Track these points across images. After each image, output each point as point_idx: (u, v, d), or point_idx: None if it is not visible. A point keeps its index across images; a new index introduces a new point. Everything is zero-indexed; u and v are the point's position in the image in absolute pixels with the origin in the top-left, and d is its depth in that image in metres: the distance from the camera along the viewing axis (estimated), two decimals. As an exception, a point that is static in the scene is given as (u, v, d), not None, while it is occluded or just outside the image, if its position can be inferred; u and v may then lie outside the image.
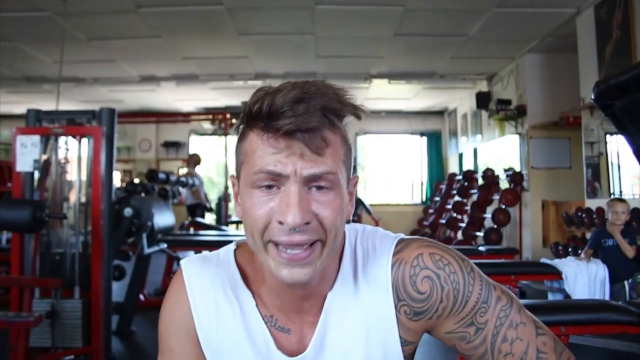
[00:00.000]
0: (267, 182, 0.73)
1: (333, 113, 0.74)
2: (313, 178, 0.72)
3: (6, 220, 2.99)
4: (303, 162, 0.72)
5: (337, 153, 0.75)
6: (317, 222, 0.73)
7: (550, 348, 0.82)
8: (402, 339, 0.83)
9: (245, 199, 0.75)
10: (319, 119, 0.72)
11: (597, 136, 5.90)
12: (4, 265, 5.27)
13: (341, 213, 0.75)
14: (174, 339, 0.86)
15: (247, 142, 0.76)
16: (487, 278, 0.85)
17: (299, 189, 0.72)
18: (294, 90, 0.72)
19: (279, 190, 0.73)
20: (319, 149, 0.72)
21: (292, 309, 0.83)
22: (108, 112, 3.43)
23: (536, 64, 7.20)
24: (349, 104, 0.76)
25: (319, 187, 0.73)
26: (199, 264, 0.88)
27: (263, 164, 0.72)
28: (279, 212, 0.72)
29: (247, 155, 0.75)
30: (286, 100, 0.71)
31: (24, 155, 3.30)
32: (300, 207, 0.71)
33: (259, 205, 0.73)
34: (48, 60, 7.35)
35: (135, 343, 3.93)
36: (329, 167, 0.73)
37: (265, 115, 0.72)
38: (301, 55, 7.51)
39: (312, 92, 0.72)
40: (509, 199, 7.41)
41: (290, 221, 0.70)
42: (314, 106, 0.72)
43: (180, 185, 6.76)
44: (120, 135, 10.54)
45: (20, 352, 2.82)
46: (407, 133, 12.07)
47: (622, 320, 2.25)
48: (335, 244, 0.77)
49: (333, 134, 0.75)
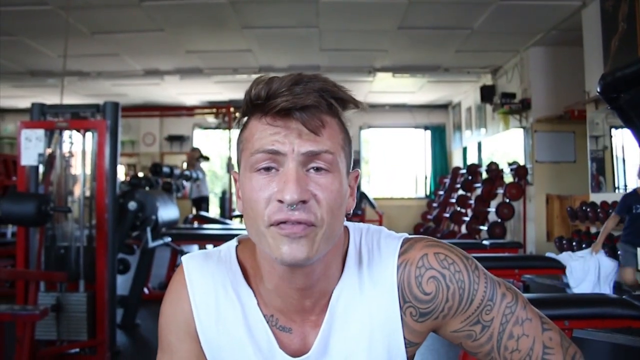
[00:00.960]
0: (265, 162, 0.73)
1: (330, 95, 0.75)
2: (311, 155, 0.73)
3: (11, 213, 3.00)
4: (301, 140, 0.72)
5: (336, 137, 0.76)
6: (314, 202, 0.72)
7: (556, 343, 0.82)
8: (407, 340, 0.83)
9: (245, 184, 0.75)
10: (315, 99, 0.73)
11: (602, 130, 5.88)
12: (10, 258, 5.30)
13: (340, 197, 0.75)
14: (173, 336, 0.86)
15: (246, 129, 0.78)
16: (492, 275, 0.85)
17: (297, 167, 0.72)
18: (291, 76, 0.74)
19: (277, 172, 0.73)
20: (316, 129, 0.73)
21: (293, 309, 0.82)
22: (112, 106, 3.44)
23: (541, 58, 7.17)
24: (346, 91, 0.77)
25: (318, 169, 0.73)
26: (200, 260, 0.87)
27: (262, 144, 0.73)
28: (277, 191, 0.72)
29: (246, 141, 0.76)
30: (283, 83, 0.73)
31: (28, 149, 3.31)
32: (298, 184, 0.71)
33: (258, 188, 0.73)
34: (52, 54, 7.35)
35: (140, 336, 3.95)
36: (327, 146, 0.74)
37: (263, 98, 0.74)
38: (305, 48, 7.49)
39: (309, 77, 0.75)
40: (513, 193, 7.39)
41: (289, 198, 0.70)
42: (310, 87, 0.73)
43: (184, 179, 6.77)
44: (124, 129, 10.56)
45: (26, 344, 2.84)
46: (411, 127, 12.04)
47: (626, 315, 2.24)
48: (334, 231, 0.76)
49: (331, 118, 0.76)
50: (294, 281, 0.78)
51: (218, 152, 12.20)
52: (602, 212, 5.14)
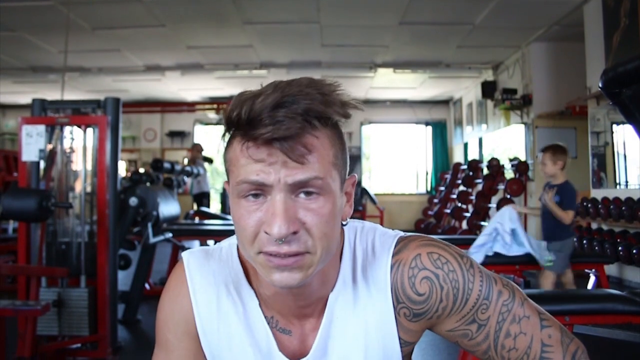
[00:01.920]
0: (252, 191, 0.70)
1: (316, 116, 0.69)
2: (299, 185, 0.69)
3: (13, 209, 3.00)
4: (287, 170, 0.68)
5: (325, 157, 0.71)
6: (304, 231, 0.70)
7: (556, 340, 0.80)
8: (402, 340, 0.82)
9: (234, 208, 0.73)
10: (300, 125, 0.67)
11: (603, 126, 5.87)
12: (11, 254, 5.31)
13: (332, 220, 0.72)
14: (172, 333, 0.84)
15: (231, 149, 0.73)
16: (488, 272, 0.83)
17: (284, 198, 0.68)
18: (274, 94, 0.67)
19: (265, 199, 0.70)
20: (300, 157, 0.68)
21: (291, 313, 0.82)
22: (113, 102, 3.43)
23: (542, 53, 7.16)
24: (336, 102, 0.70)
25: (308, 193, 0.70)
26: (201, 257, 0.85)
27: (246, 174, 0.69)
28: (265, 223, 0.69)
29: (232, 164, 0.73)
30: (265, 105, 0.66)
31: (29, 145, 3.31)
32: (286, 217, 0.67)
33: (246, 216, 0.70)
34: (53, 50, 7.35)
35: (141, 331, 3.96)
36: (315, 172, 0.69)
37: (244, 123, 0.68)
38: (306, 44, 7.48)
39: (293, 95, 0.67)
40: (514, 189, 7.39)
41: (276, 232, 0.67)
42: (294, 111, 0.67)
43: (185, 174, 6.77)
44: (125, 125, 10.57)
45: (27, 339, 2.84)
46: (412, 122, 12.04)
47: (627, 310, 2.24)
48: (330, 250, 0.74)
49: (317, 139, 0.70)
50: (291, 293, 0.78)
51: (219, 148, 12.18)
52: (603, 208, 5.14)
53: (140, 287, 4.28)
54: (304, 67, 8.56)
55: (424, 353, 3.41)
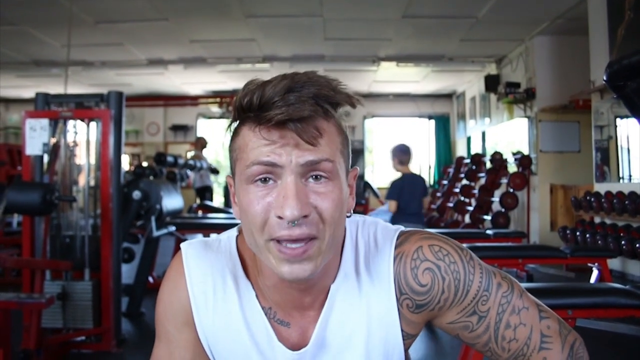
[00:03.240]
0: (262, 175, 0.70)
1: (326, 101, 0.71)
2: (310, 166, 0.70)
3: (17, 202, 3.01)
4: (298, 151, 0.69)
5: (334, 142, 0.73)
6: (316, 214, 0.70)
7: (554, 332, 0.82)
8: (404, 332, 0.83)
9: (241, 196, 0.73)
10: (311, 108, 0.69)
11: (606, 120, 5.85)
12: (16, 247, 5.33)
13: (341, 205, 0.73)
14: (171, 324, 0.85)
15: (239, 137, 0.74)
16: (487, 265, 0.84)
17: (296, 180, 0.69)
18: (284, 81, 0.69)
19: (275, 184, 0.71)
20: (313, 139, 0.70)
21: (292, 305, 0.82)
22: (116, 95, 3.44)
23: (546, 47, 7.13)
24: (342, 92, 0.73)
25: (317, 177, 0.71)
26: (200, 249, 0.86)
27: (257, 155, 0.70)
28: (276, 206, 0.69)
29: (241, 151, 0.73)
30: (276, 90, 0.68)
31: (33, 139, 3.32)
32: (298, 199, 0.68)
33: (256, 201, 0.71)
34: (56, 44, 7.35)
35: (145, 324, 3.98)
36: (326, 154, 0.71)
37: (256, 108, 0.70)
38: (309, 37, 7.47)
39: (302, 82, 0.70)
40: (517, 183, 7.38)
41: (289, 214, 0.68)
42: (305, 95, 0.69)
43: (188, 168, 6.78)
44: (128, 119, 10.56)
45: (32, 332, 2.86)
46: (415, 116, 12.02)
47: (630, 304, 2.24)
48: (336, 238, 0.74)
49: (327, 123, 0.73)
50: (294, 283, 0.78)
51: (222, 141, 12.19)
52: (606, 202, 5.13)
53: (143, 280, 4.30)
54: (307, 61, 8.55)
55: (426, 346, 3.43)
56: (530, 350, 0.81)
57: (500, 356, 0.83)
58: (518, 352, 0.81)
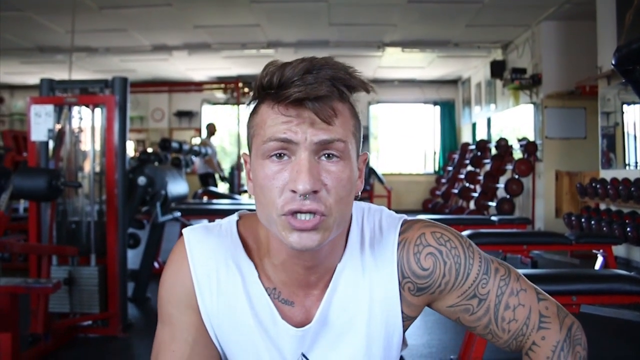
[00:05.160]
0: (277, 150, 0.74)
1: (342, 83, 0.75)
2: (323, 144, 0.73)
3: (23, 188, 3.03)
4: (313, 130, 0.73)
5: (347, 123, 0.77)
6: (325, 191, 0.74)
7: (552, 313, 0.85)
8: (404, 314, 0.87)
9: (257, 170, 0.76)
10: (328, 89, 0.73)
11: (613, 106, 5.82)
12: (22, 233, 5.37)
13: (350, 185, 0.76)
14: (174, 308, 0.86)
15: (258, 115, 0.78)
16: (484, 253, 0.88)
17: (309, 157, 0.73)
18: (303, 63, 0.73)
19: (289, 160, 0.74)
20: (328, 118, 0.73)
21: (297, 283, 0.85)
22: (120, 81, 3.44)
23: (553, 32, 7.07)
24: (357, 77, 0.76)
25: (329, 156, 0.74)
26: (202, 233, 0.88)
27: (273, 132, 0.74)
28: (290, 181, 0.73)
29: (258, 127, 0.77)
30: (295, 71, 0.72)
31: (38, 125, 3.32)
32: (310, 175, 0.72)
33: (271, 176, 0.74)
34: (60, 30, 7.34)
35: (151, 309, 4.01)
36: (339, 135, 0.74)
37: (275, 86, 0.73)
38: (314, 23, 7.42)
39: (320, 64, 0.74)
40: (522, 169, 7.36)
41: (301, 188, 0.71)
42: (322, 76, 0.73)
43: (193, 154, 6.79)
44: (133, 105, 10.57)
45: (40, 316, 2.89)
46: (420, 102, 11.97)
47: (634, 291, 2.24)
48: (344, 216, 0.78)
49: (342, 105, 0.77)
50: (302, 259, 0.81)
51: (227, 127, 12.20)
52: (612, 188, 5.12)
53: (149, 266, 4.32)
54: (312, 47, 8.51)
55: (431, 332, 3.45)
56: (530, 329, 0.84)
57: (501, 338, 0.86)
58: (518, 332, 0.84)
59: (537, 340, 0.84)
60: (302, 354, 0.85)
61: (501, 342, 0.86)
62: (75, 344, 3.21)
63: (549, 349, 0.83)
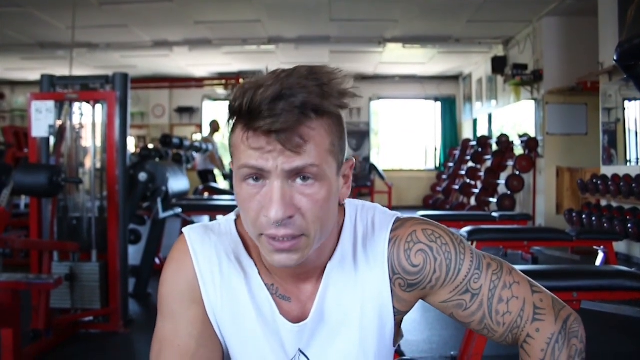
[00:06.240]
0: (252, 174, 0.75)
1: (313, 109, 0.73)
2: (295, 171, 0.73)
3: (24, 184, 3.03)
4: (284, 158, 0.72)
5: (321, 145, 0.75)
6: (299, 215, 0.74)
7: (547, 305, 0.84)
8: (396, 309, 0.88)
9: (237, 190, 0.78)
10: (296, 118, 0.71)
11: (614, 102, 5.81)
12: (24, 229, 5.37)
13: (327, 204, 0.77)
14: (177, 303, 0.87)
15: (234, 135, 0.78)
16: (477, 250, 0.89)
17: (282, 184, 0.73)
18: (274, 86, 0.71)
19: (265, 183, 0.75)
20: (297, 147, 0.72)
21: (290, 281, 0.87)
22: (121, 77, 3.43)
23: (554, 28, 7.05)
24: (333, 94, 0.74)
25: (304, 178, 0.74)
26: (202, 231, 0.90)
27: (246, 158, 0.74)
28: (264, 207, 0.74)
29: (235, 149, 0.77)
30: (264, 97, 0.70)
31: (39, 121, 3.32)
32: (283, 202, 0.72)
33: (248, 199, 0.76)
34: (60, 26, 7.33)
35: (152, 305, 4.01)
36: (312, 160, 0.73)
37: (245, 113, 0.73)
38: (314, 18, 7.41)
39: (291, 87, 0.71)
40: (523, 165, 7.36)
41: (273, 216, 0.72)
42: (292, 104, 0.71)
43: (194, 150, 6.79)
44: (133, 101, 10.55)
45: (41, 312, 2.90)
46: (421, 98, 11.96)
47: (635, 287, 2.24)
48: (324, 231, 0.79)
49: (313, 130, 0.74)
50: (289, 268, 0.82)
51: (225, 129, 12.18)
52: (613, 185, 5.11)
53: (150, 262, 4.33)
54: (313, 42, 8.49)
55: (432, 328, 3.45)
56: (524, 321, 0.84)
57: (497, 332, 0.86)
58: (512, 324, 0.84)
59: (532, 332, 0.83)
60: (299, 349, 0.87)
61: (497, 336, 0.86)
62: (76, 339, 3.22)
63: (544, 341, 0.83)
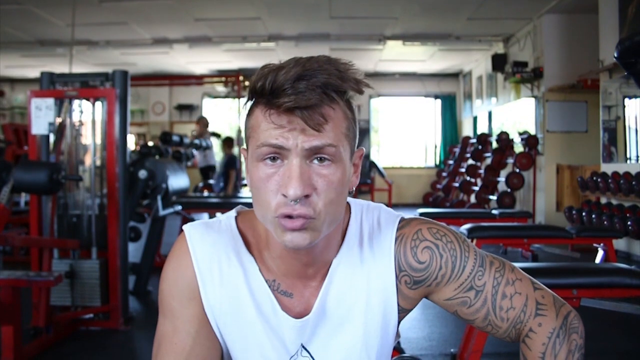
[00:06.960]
0: (271, 154, 0.76)
1: (333, 89, 0.76)
2: (314, 150, 0.75)
3: (24, 181, 3.03)
4: (304, 136, 0.74)
5: (339, 127, 0.78)
6: (315, 195, 0.76)
7: (548, 301, 0.87)
8: (400, 306, 0.90)
9: (252, 171, 0.79)
10: (318, 96, 0.74)
11: (615, 100, 5.80)
12: (24, 226, 5.38)
13: (341, 187, 0.78)
14: (176, 300, 0.88)
15: (252, 117, 0.79)
16: (479, 249, 0.91)
17: (300, 162, 0.75)
18: (295, 68, 0.74)
19: (282, 163, 0.76)
20: (318, 125, 0.74)
21: (296, 275, 0.87)
22: (121, 74, 3.43)
23: (554, 25, 7.04)
24: (351, 79, 0.77)
25: (321, 159, 0.76)
26: (202, 229, 0.90)
27: (266, 137, 0.75)
28: (282, 185, 0.75)
29: (253, 130, 0.78)
30: (288, 77, 0.73)
31: (39, 118, 3.32)
32: (301, 180, 0.74)
33: (265, 178, 0.76)
34: (60, 23, 7.32)
35: (151, 302, 4.02)
36: (330, 140, 0.76)
37: (267, 92, 0.75)
38: (315, 16, 7.40)
39: (313, 69, 0.74)
40: (523, 163, 7.36)
41: (292, 193, 0.73)
42: (314, 83, 0.74)
43: (194, 147, 6.79)
44: (133, 99, 10.56)
45: (42, 309, 2.90)
46: (421, 95, 11.95)
47: (635, 284, 2.25)
48: (335, 215, 0.80)
49: (333, 110, 0.77)
50: (298, 254, 0.83)
51: (227, 120, 12.19)
52: (613, 182, 5.11)
53: (150, 259, 4.33)
54: (313, 40, 8.48)
55: (432, 325, 3.45)
56: (527, 316, 0.86)
57: (500, 327, 0.87)
58: (516, 319, 0.86)
59: (534, 327, 0.85)
60: (301, 344, 0.88)
61: (501, 332, 0.88)
62: (76, 336, 3.22)
63: (545, 335, 0.85)
